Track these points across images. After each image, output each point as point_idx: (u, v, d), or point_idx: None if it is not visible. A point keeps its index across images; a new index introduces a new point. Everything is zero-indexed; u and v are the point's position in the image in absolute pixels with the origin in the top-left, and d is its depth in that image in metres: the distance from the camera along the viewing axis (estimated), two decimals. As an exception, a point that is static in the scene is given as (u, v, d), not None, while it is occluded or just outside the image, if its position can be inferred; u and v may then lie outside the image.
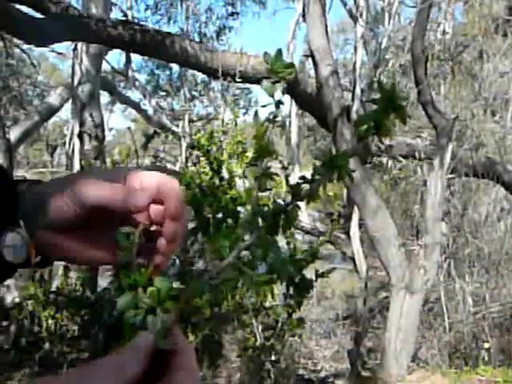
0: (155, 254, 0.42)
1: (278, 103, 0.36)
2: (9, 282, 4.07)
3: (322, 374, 4.10)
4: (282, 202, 0.35)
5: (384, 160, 5.42)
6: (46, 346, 3.49)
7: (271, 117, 0.37)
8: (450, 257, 4.17)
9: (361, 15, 6.36)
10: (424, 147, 4.38)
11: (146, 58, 8.67)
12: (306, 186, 0.35)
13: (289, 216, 0.34)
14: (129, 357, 0.28)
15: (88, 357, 3.49)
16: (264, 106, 0.36)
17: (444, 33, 5.97)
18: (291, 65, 0.36)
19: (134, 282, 0.30)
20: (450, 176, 3.63)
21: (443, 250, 3.83)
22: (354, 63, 6.39)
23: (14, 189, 0.45)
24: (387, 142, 4.78)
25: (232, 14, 8.28)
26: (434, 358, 3.73)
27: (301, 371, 3.98)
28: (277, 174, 0.37)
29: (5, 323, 3.96)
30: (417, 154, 4.30)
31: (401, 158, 4.62)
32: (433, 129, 3.25)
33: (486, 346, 3.66)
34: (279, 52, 0.36)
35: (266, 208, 0.35)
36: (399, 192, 6.01)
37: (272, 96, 0.36)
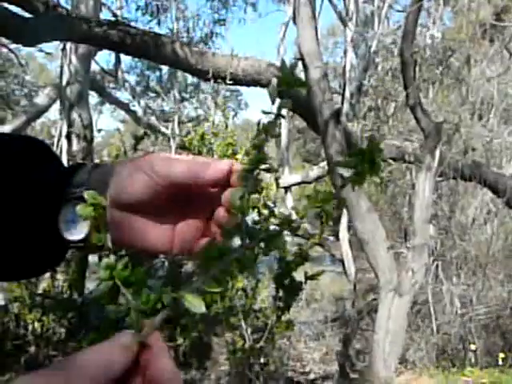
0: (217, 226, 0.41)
1: (278, 116, 0.37)
2: (-6, 284, 4.02)
3: (311, 376, 4.11)
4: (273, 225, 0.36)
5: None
6: (32, 349, 3.45)
7: (269, 128, 0.37)
8: (438, 259, 4.20)
9: (350, 19, 6.41)
10: (413, 150, 4.41)
11: (136, 58, 8.63)
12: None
13: (273, 243, 0.35)
14: (117, 354, 0.28)
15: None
16: (266, 113, 0.36)
17: (433, 37, 6.04)
18: (303, 83, 0.36)
19: (120, 276, 0.29)
20: (438, 179, 3.66)
21: (431, 253, 3.86)
22: (344, 66, 6.43)
23: (76, 170, 0.43)
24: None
25: (219, 20, 8.31)
26: (422, 360, 3.76)
27: (290, 373, 3.98)
28: (259, 192, 0.38)
29: (-10, 326, 3.90)
30: (406, 157, 4.34)
31: (390, 161, 4.65)
32: (421, 132, 3.28)
33: (473, 347, 3.69)
34: (295, 64, 0.36)
35: (252, 222, 0.36)
36: (388, 195, 6.06)
37: (273, 102, 0.36)
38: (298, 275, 0.41)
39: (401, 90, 4.92)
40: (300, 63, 3.09)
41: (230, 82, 3.73)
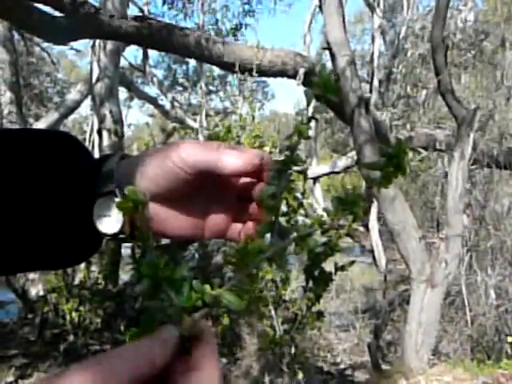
0: (249, 220, 0.42)
1: (311, 118, 0.37)
2: (33, 275, 4.17)
3: (342, 367, 4.10)
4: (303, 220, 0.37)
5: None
6: (70, 338, 3.57)
7: (302, 130, 0.37)
8: (472, 249, 4.10)
9: (378, 4, 6.26)
10: (445, 138, 4.30)
11: (163, 53, 8.71)
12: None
13: (305, 243, 0.35)
14: (158, 348, 0.28)
15: (110, 349, 3.57)
16: (299, 114, 0.37)
17: (465, 21, 5.83)
18: (335, 90, 0.36)
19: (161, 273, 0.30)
20: (472, 167, 3.56)
21: (465, 243, 3.77)
22: (372, 54, 6.31)
23: (104, 162, 0.44)
24: (407, 133, 4.71)
25: (248, 12, 8.28)
26: (456, 352, 3.69)
27: (320, 364, 3.99)
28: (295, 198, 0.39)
29: (30, 316, 4.06)
30: (437, 145, 4.23)
31: (421, 150, 4.55)
32: (453, 119, 3.19)
33: (509, 339, 3.60)
34: (330, 74, 0.37)
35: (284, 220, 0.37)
36: (419, 184, 5.93)
37: (309, 104, 0.37)
38: (328, 266, 0.41)
39: (431, 77, 4.78)
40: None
41: (256, 74, 3.72)
